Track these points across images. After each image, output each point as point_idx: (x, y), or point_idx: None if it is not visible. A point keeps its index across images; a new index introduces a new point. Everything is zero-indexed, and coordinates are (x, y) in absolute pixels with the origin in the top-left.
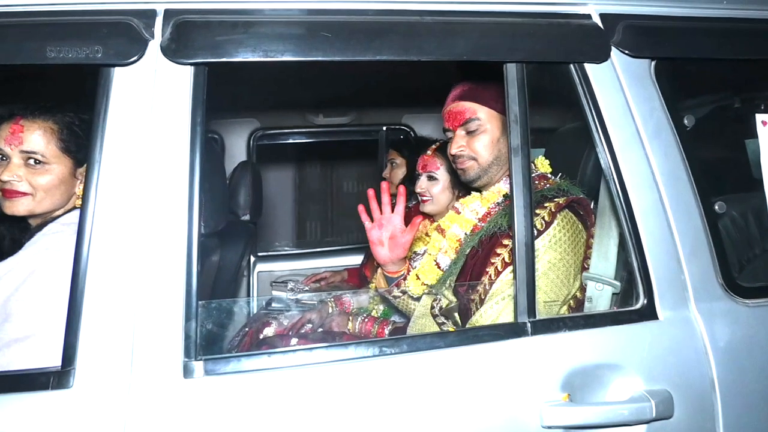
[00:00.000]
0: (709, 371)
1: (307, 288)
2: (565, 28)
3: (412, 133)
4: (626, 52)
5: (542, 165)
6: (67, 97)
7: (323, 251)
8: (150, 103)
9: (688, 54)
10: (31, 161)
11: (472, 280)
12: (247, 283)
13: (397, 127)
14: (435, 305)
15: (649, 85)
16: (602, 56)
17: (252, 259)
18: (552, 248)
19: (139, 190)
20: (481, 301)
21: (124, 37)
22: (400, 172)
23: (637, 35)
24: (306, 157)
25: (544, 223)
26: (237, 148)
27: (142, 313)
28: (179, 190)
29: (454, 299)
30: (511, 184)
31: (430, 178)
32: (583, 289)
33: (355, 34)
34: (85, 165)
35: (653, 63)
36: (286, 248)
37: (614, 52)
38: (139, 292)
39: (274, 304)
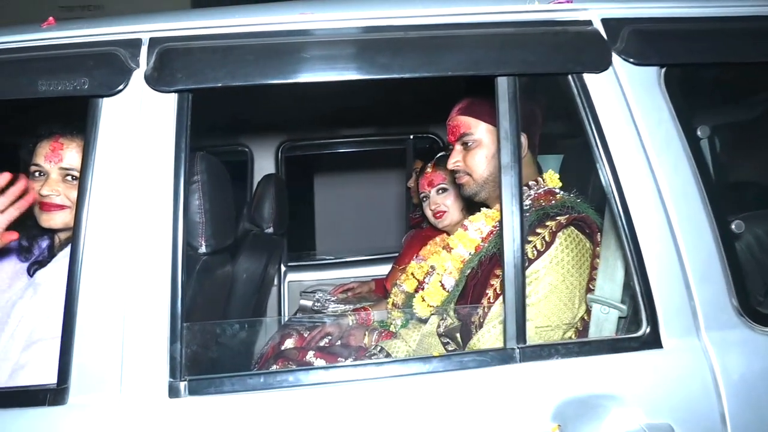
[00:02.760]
0: (719, 406)
1: (333, 298)
2: (561, 36)
3: (439, 141)
4: (630, 59)
5: (551, 180)
6: None
7: (352, 261)
8: (136, 131)
9: (704, 59)
10: (69, 177)
11: (473, 302)
12: (278, 292)
13: (424, 135)
14: (441, 324)
15: (657, 95)
16: (602, 65)
17: (283, 269)
18: (554, 269)
19: (125, 216)
20: (480, 324)
21: (110, 67)
22: None
23: (644, 41)
24: (333, 168)
25: (544, 243)
26: (265, 161)
27: (130, 334)
28: (163, 215)
29: (456, 320)
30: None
31: (441, 190)
32: (590, 311)
33: (334, 54)
34: None
35: (663, 70)
36: (315, 258)
37: (617, 61)
38: (127, 315)
39: (299, 315)
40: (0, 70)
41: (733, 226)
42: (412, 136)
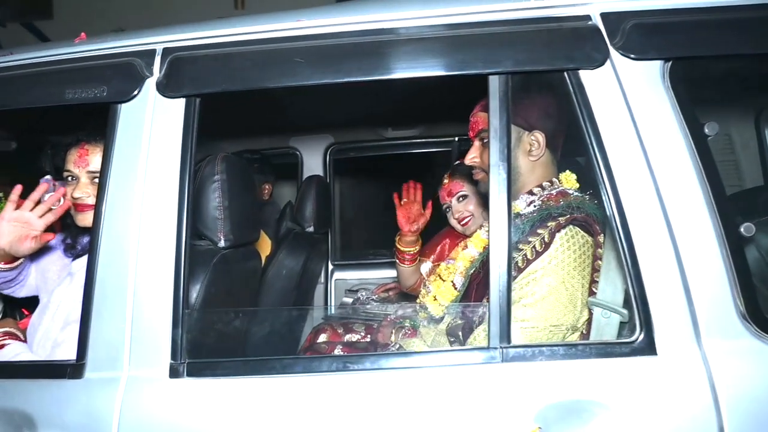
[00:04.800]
0: (718, 420)
1: (375, 297)
2: (556, 33)
3: None
4: (630, 54)
5: (567, 180)
6: None
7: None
8: (149, 134)
9: (709, 51)
10: (96, 179)
11: (476, 301)
12: (325, 289)
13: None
14: (450, 323)
15: (659, 90)
16: (596, 61)
17: (330, 267)
18: (552, 270)
19: (137, 212)
20: (480, 322)
21: (126, 76)
22: None
23: (645, 35)
24: (379, 170)
25: (543, 243)
26: (314, 163)
27: (137, 320)
28: (169, 212)
29: (458, 319)
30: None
31: (462, 198)
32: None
33: (324, 57)
34: None
35: (667, 65)
36: (361, 258)
37: (615, 56)
38: (135, 302)
39: (339, 311)
40: (34, 81)
41: (742, 229)
42: (457, 138)
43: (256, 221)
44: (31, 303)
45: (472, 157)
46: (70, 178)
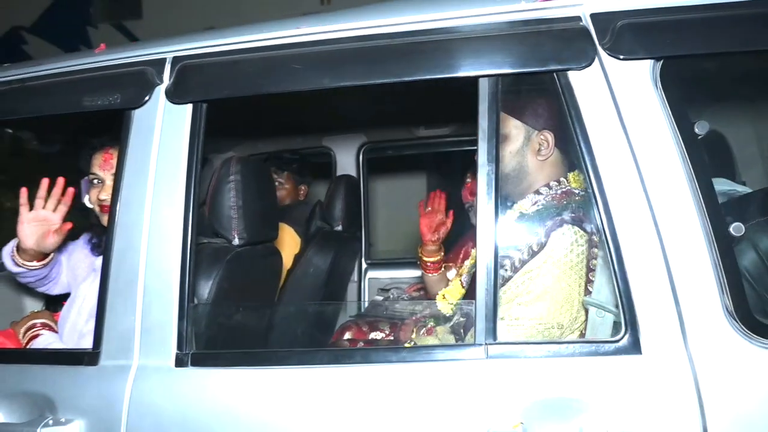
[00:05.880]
0: (701, 422)
1: (406, 296)
2: (545, 34)
3: None
4: (618, 54)
5: (575, 180)
6: None
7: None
8: (158, 137)
9: (702, 50)
10: None
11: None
12: (358, 288)
13: None
14: (457, 320)
15: (648, 90)
16: (583, 61)
17: (363, 266)
18: (548, 270)
19: (147, 211)
20: None
21: (138, 84)
22: None
23: (634, 34)
24: (412, 169)
25: (539, 242)
26: (348, 162)
27: (147, 312)
28: (177, 211)
29: (461, 317)
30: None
31: None
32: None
33: (322, 63)
34: None
35: (658, 64)
36: (394, 257)
37: (604, 56)
38: (145, 295)
39: (367, 309)
40: (56, 90)
41: (731, 229)
42: None
43: (272, 220)
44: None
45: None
46: (95, 181)
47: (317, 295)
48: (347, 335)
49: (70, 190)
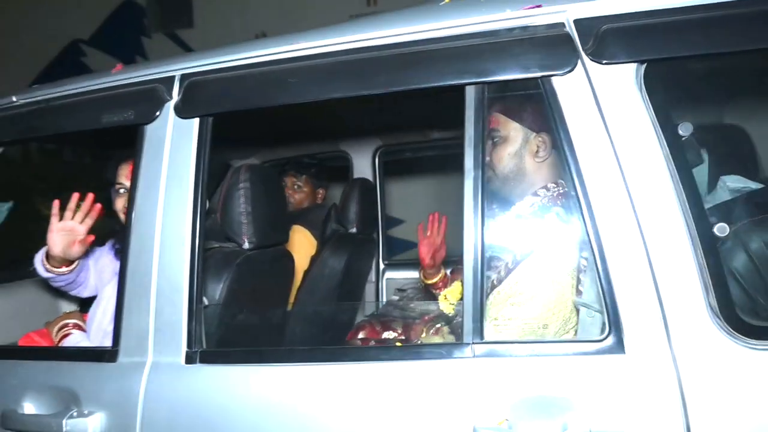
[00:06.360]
0: (684, 422)
1: (421, 296)
2: (529, 41)
3: None
4: (601, 59)
5: None
6: None
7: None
8: (168, 150)
9: (684, 52)
10: None
11: None
12: (376, 288)
13: None
14: (455, 320)
15: (632, 93)
16: (564, 67)
17: (381, 266)
18: (540, 272)
19: (159, 219)
20: None
21: (149, 100)
22: None
23: (617, 38)
24: (427, 171)
25: (532, 245)
26: (364, 166)
27: (160, 313)
28: (185, 218)
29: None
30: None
31: None
32: None
33: (316, 76)
34: None
35: (642, 68)
36: (411, 257)
37: (587, 61)
38: (158, 297)
39: (383, 309)
40: (77, 108)
41: (715, 230)
42: None
43: (281, 225)
44: None
45: None
46: (121, 190)
47: (333, 295)
48: (361, 334)
49: (97, 205)
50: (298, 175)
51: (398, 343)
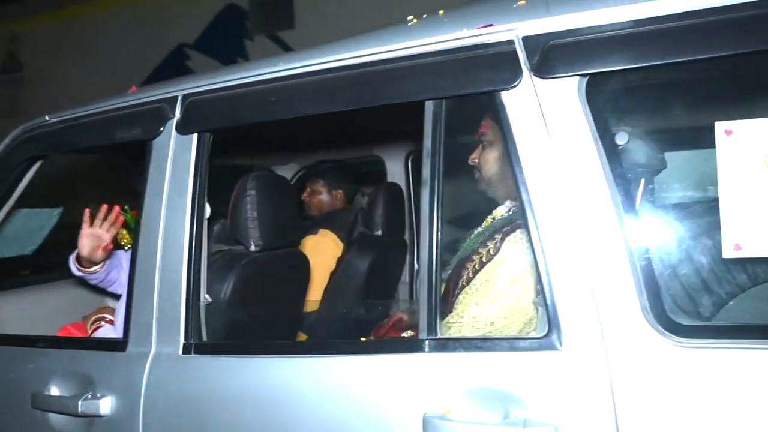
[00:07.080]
0: (613, 417)
1: None
2: (479, 59)
3: None
4: (543, 74)
5: None
6: None
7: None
8: (170, 162)
9: (625, 64)
10: None
11: (444, 297)
12: (410, 289)
13: None
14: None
15: (574, 105)
16: (509, 82)
17: (416, 267)
18: (502, 274)
19: (161, 225)
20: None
21: (155, 118)
22: None
23: (558, 53)
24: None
25: (496, 248)
26: (397, 170)
27: (161, 307)
28: (184, 224)
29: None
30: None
31: None
32: None
33: (290, 95)
34: None
35: (584, 80)
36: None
37: (532, 76)
38: (160, 294)
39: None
40: (96, 126)
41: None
42: None
43: (288, 228)
44: None
45: (472, 157)
46: None
47: (358, 294)
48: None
49: (121, 218)
50: (315, 180)
51: (362, 338)
